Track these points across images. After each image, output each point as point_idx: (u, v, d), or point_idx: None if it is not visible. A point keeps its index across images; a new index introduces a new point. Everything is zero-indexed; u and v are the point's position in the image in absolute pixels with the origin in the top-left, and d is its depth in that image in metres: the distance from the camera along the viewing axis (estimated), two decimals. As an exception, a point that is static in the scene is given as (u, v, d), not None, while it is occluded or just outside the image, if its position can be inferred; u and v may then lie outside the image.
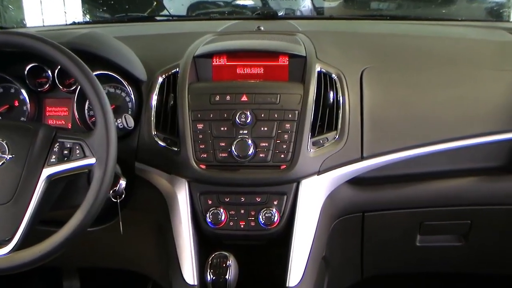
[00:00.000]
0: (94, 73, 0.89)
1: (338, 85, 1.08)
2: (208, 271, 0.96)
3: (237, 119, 1.00)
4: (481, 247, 1.31)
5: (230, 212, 1.01)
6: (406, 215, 1.21)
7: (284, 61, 1.11)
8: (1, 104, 1.12)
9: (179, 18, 1.85)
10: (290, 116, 1.00)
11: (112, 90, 1.12)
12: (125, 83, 1.10)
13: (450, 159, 1.11)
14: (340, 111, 1.05)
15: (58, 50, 0.86)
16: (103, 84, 0.92)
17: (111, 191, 0.99)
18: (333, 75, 1.09)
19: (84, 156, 0.86)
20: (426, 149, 1.06)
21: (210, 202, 1.01)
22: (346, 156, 1.04)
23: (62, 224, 0.83)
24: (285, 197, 1.01)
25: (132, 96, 1.10)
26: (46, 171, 0.86)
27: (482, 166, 1.13)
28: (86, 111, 1.12)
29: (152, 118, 1.07)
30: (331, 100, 1.05)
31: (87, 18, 2.20)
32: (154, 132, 1.06)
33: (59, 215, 0.92)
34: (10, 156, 0.86)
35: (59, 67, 1.09)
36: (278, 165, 1.00)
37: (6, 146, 0.87)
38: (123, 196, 1.02)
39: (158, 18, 1.75)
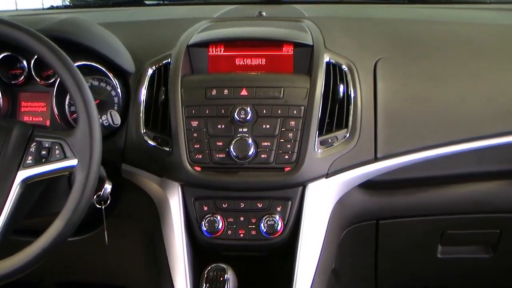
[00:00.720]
0: (76, 64, 0.90)
1: (349, 77, 1.08)
2: (204, 285, 0.97)
3: (236, 115, 1.00)
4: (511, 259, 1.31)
5: (228, 220, 1.02)
6: (425, 223, 1.21)
7: (288, 50, 1.11)
8: None
9: (171, 2, 1.85)
10: (295, 112, 1.01)
11: (96, 83, 1.12)
12: (110, 75, 1.10)
13: (476, 160, 1.10)
14: (351, 107, 1.05)
15: (34, 38, 0.86)
16: (85, 77, 0.92)
17: (95, 196, 0.99)
18: (343, 66, 1.10)
19: (65, 157, 0.86)
20: (449, 149, 1.06)
21: (205, 208, 1.02)
22: (358, 157, 1.04)
23: (40, 233, 0.83)
24: (290, 202, 1.01)
25: (119, 90, 1.11)
26: (22, 174, 0.86)
27: None
28: (66, 106, 1.12)
29: (141, 115, 1.08)
30: (341, 95, 1.06)
31: (67, 1, 2.19)
32: (143, 130, 1.07)
33: (36, 224, 0.92)
34: None
35: (35, 57, 1.09)
36: (282, 167, 1.00)
37: None
38: (109, 202, 1.02)
39: (147, 1, 1.75)
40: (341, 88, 1.06)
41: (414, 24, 1.32)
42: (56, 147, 0.86)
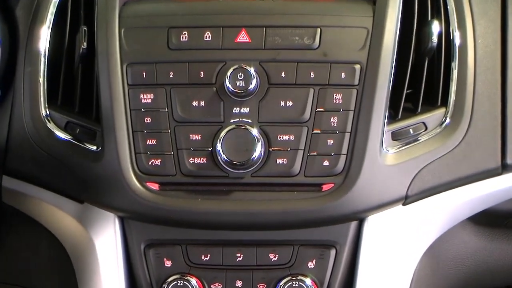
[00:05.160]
0: None
1: (452, 6, 1.07)
2: None
3: (227, 82, 0.99)
4: None
5: (213, 287, 1.01)
6: None
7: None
8: None
9: None
10: (343, 75, 1.00)
11: None
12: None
13: None
14: (455, 64, 1.04)
15: None
16: None
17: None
18: (439, -14, 1.06)
19: None
20: None
21: (168, 263, 1.03)
22: (468, 164, 1.04)
23: None
24: (333, 252, 1.02)
25: (-4, 32, 1.08)
26: None
27: None
28: None
29: (41, 81, 1.04)
30: (435, 42, 1.02)
31: None
32: (44, 112, 1.06)
33: None
34: None
35: None
36: (317, 182, 1.00)
37: None
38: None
39: None
40: (435, 27, 1.05)
41: None
42: None
